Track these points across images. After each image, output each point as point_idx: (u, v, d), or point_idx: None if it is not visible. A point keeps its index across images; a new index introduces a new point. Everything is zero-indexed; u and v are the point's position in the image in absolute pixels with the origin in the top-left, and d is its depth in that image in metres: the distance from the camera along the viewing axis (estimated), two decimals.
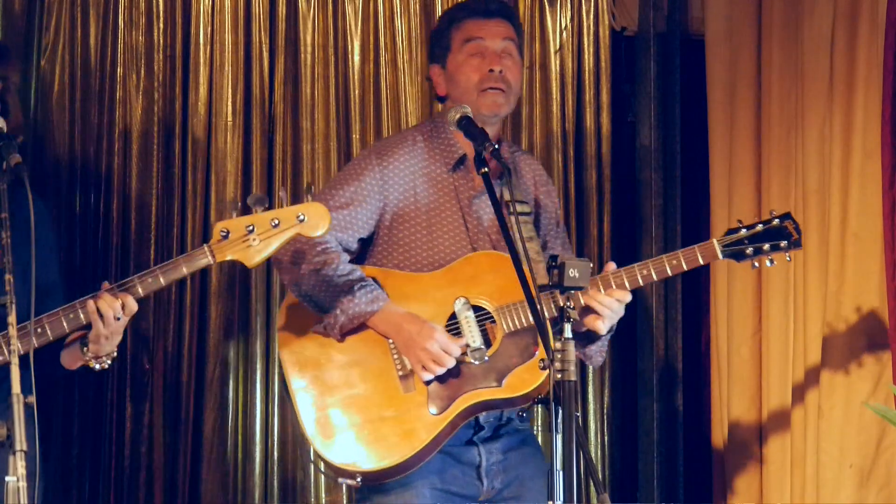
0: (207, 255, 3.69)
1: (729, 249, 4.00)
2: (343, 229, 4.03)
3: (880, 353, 4.72)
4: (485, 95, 4.08)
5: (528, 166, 4.29)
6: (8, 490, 2.99)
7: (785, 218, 4.02)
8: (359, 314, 3.93)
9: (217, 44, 5.11)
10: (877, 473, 4.71)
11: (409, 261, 4.05)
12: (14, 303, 3.21)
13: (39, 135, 5.01)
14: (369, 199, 4.05)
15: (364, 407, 3.94)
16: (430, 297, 3.99)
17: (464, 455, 4.01)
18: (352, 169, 4.11)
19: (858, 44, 4.78)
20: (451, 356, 3.90)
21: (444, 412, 3.92)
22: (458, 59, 4.11)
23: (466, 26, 4.12)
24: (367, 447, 3.92)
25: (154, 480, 5.00)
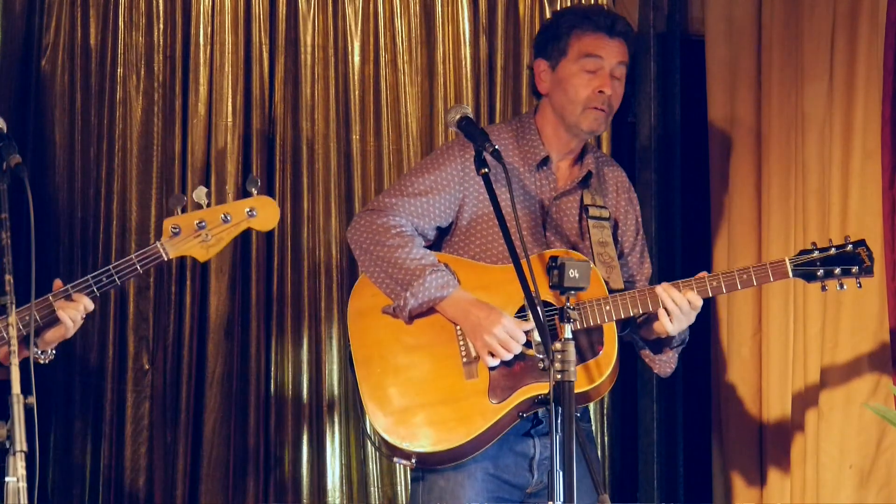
0: (161, 252, 3.72)
1: (801, 269, 4.05)
2: (419, 216, 4.09)
3: (880, 353, 4.72)
4: (588, 113, 4.11)
5: (612, 174, 4.33)
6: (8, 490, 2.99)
7: (859, 245, 4.07)
8: (429, 298, 3.98)
9: (217, 44, 5.12)
10: (877, 474, 4.70)
11: (485, 254, 4.10)
12: (14, 303, 3.21)
13: (39, 135, 5.01)
14: (448, 189, 4.10)
15: (425, 390, 3.98)
16: (501, 289, 4.02)
17: (519, 445, 4.05)
18: (435, 158, 4.16)
19: (858, 44, 4.78)
20: (517, 342, 3.94)
21: (502, 402, 3.96)
22: (572, 69, 4.12)
23: (589, 39, 4.11)
24: (424, 429, 3.96)
25: (154, 480, 5.00)
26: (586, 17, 4.15)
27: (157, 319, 5.04)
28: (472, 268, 4.08)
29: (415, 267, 3.99)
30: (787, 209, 4.94)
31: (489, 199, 3.78)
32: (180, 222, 3.71)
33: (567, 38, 4.13)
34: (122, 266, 3.73)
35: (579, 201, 4.18)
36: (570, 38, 4.13)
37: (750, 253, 5.03)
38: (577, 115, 4.11)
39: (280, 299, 5.10)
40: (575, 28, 4.13)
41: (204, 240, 3.72)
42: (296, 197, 5.14)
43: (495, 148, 3.81)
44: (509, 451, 4.03)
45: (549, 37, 4.19)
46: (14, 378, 3.08)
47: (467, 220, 4.11)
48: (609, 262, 4.11)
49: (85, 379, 4.99)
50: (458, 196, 4.11)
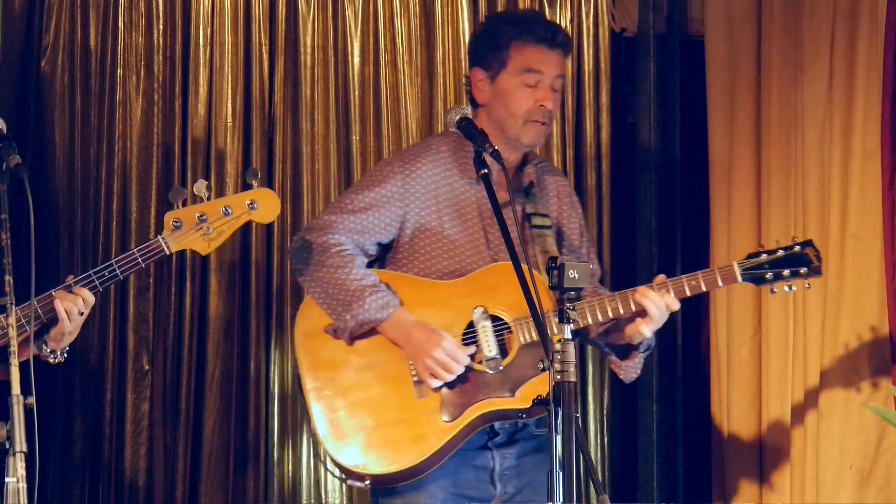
0: (162, 246, 3.72)
1: (749, 273, 4.03)
2: (360, 233, 4.05)
3: (880, 353, 4.72)
4: (529, 127, 4.06)
5: (552, 181, 4.28)
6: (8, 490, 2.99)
7: (806, 245, 4.04)
8: (368, 320, 3.95)
9: (217, 45, 5.12)
10: (877, 474, 4.71)
11: (430, 269, 4.06)
12: (14, 303, 3.21)
13: (39, 135, 5.01)
14: (389, 205, 4.05)
15: (377, 410, 3.96)
16: (449, 305, 4.00)
17: (478, 459, 4.02)
18: (374, 175, 4.12)
19: (858, 44, 4.78)
20: (459, 363, 3.92)
21: (456, 419, 3.94)
22: (512, 83, 4.06)
23: (529, 52, 4.05)
24: (377, 451, 3.93)
25: (154, 480, 5.00)
26: (527, 29, 4.06)
27: (157, 319, 5.04)
28: (419, 284, 4.04)
29: (355, 288, 3.95)
30: (787, 209, 4.94)
31: (489, 200, 3.75)
32: (181, 216, 3.71)
33: (507, 50, 4.05)
34: (124, 260, 3.73)
35: (522, 210, 4.14)
36: (511, 49, 4.05)
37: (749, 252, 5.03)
38: (517, 128, 4.06)
39: (280, 299, 5.10)
40: (515, 39, 4.05)
41: (205, 233, 3.72)
42: (296, 197, 5.14)
43: (495, 148, 3.79)
44: (468, 465, 4.00)
45: (488, 46, 4.10)
46: (14, 378, 3.08)
47: (410, 235, 4.07)
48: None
49: (85, 379, 5.00)
50: (400, 212, 4.06)
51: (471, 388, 3.95)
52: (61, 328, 3.70)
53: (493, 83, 4.08)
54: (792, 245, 4.03)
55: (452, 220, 4.06)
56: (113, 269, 3.72)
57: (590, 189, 5.28)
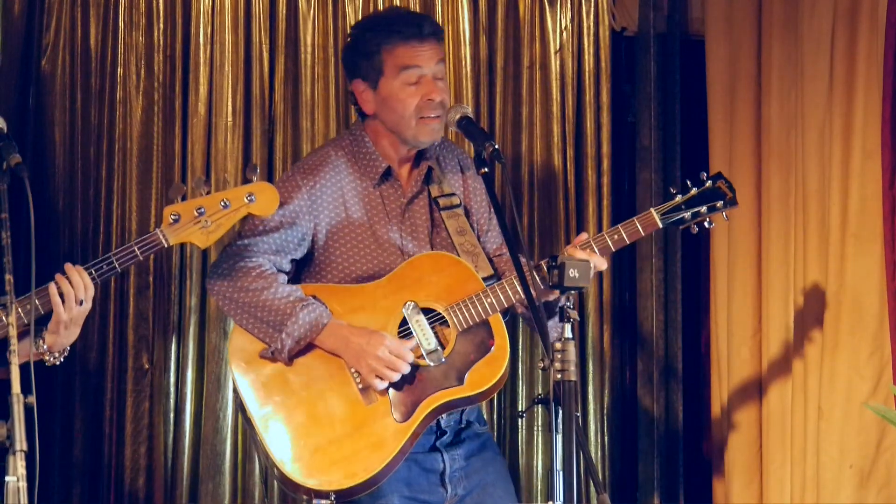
0: (160, 239, 3.71)
1: (668, 217, 4.03)
2: (275, 252, 4.00)
3: (880, 353, 4.72)
4: (423, 123, 4.02)
5: (451, 155, 4.23)
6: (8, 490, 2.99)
7: (717, 178, 4.06)
8: (304, 335, 3.91)
9: (217, 44, 5.12)
10: (877, 474, 4.71)
11: (349, 275, 4.03)
12: (14, 303, 3.21)
13: (39, 134, 5.01)
14: (299, 221, 4.01)
15: (329, 425, 3.92)
16: (377, 306, 3.97)
17: (428, 461, 4.00)
18: (279, 193, 3.97)
19: (858, 44, 4.78)
20: (404, 360, 3.89)
21: (409, 418, 3.91)
22: (394, 86, 4.01)
23: (400, 51, 4.00)
24: (338, 466, 3.90)
25: (154, 480, 5.00)
26: (392, 30, 4.02)
27: (157, 318, 5.04)
28: (343, 292, 4.01)
29: (284, 306, 3.91)
30: (787, 209, 4.94)
31: (489, 198, 3.74)
32: (179, 210, 3.70)
33: (379, 56, 4.01)
34: (122, 253, 3.72)
35: (427, 197, 4.10)
36: (382, 55, 4.00)
37: (749, 253, 5.03)
38: (412, 128, 4.01)
39: None
40: (383, 44, 4.00)
41: (204, 226, 3.71)
42: None
43: (495, 148, 3.78)
44: (420, 469, 3.98)
45: (360, 56, 4.05)
46: (14, 378, 3.07)
47: (322, 246, 4.03)
48: (472, 249, 4.04)
49: (85, 378, 4.99)
50: (310, 225, 4.02)
51: (418, 385, 3.92)
52: (57, 316, 3.65)
53: (375, 91, 4.03)
54: (703, 180, 4.04)
55: (362, 223, 4.03)
56: (111, 262, 3.71)
57: (590, 189, 5.28)
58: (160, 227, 3.71)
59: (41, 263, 4.86)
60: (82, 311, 3.68)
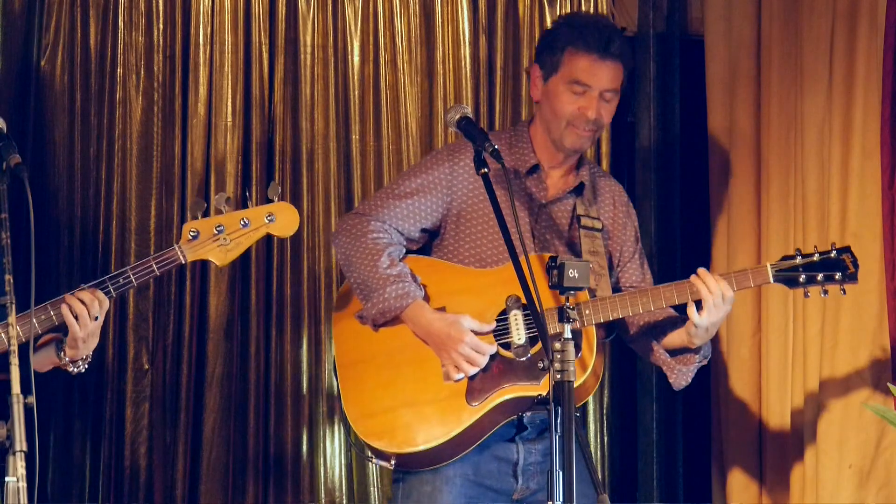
0: (178, 256, 3.72)
1: (781, 275, 4.03)
2: (403, 218, 4.11)
3: (880, 353, 4.72)
4: (571, 131, 4.11)
5: (608, 187, 4.33)
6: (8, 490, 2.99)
7: (843, 251, 4.05)
8: (387, 309, 4.00)
9: (217, 44, 5.12)
10: (876, 473, 4.70)
11: (475, 257, 4.11)
12: (14, 303, 3.21)
13: (39, 135, 5.01)
14: (435, 192, 4.12)
15: (404, 391, 4.01)
16: (483, 293, 4.05)
17: (502, 450, 4.05)
18: (423, 163, 4.19)
19: (858, 44, 4.78)
20: (483, 354, 3.96)
21: (480, 404, 3.97)
22: (560, 89, 4.11)
23: (580, 62, 4.08)
24: (403, 430, 3.98)
25: (154, 480, 5.00)
26: (582, 36, 4.09)
27: (157, 319, 5.04)
28: (454, 271, 4.10)
29: (378, 276, 4.01)
30: (787, 209, 4.94)
31: (489, 199, 3.76)
32: (199, 226, 3.73)
33: (560, 55, 4.12)
34: (139, 267, 3.74)
35: (571, 210, 4.19)
36: (564, 55, 4.11)
37: (749, 253, 5.03)
38: (560, 130, 4.11)
39: (279, 299, 5.10)
40: (569, 46, 4.10)
41: (222, 244, 3.74)
42: (295, 197, 5.14)
43: (495, 148, 3.80)
44: (491, 456, 4.04)
45: (546, 47, 4.18)
46: (14, 378, 3.08)
47: (455, 225, 4.12)
48: (598, 270, 4.11)
49: (85, 378, 4.99)
50: (446, 200, 4.12)
51: (497, 374, 3.99)
52: (73, 333, 3.69)
53: (545, 83, 4.15)
54: (829, 249, 4.04)
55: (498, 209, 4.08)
56: (127, 276, 3.73)
57: None
58: (178, 243, 3.73)
59: (41, 263, 4.88)
60: (97, 325, 3.72)
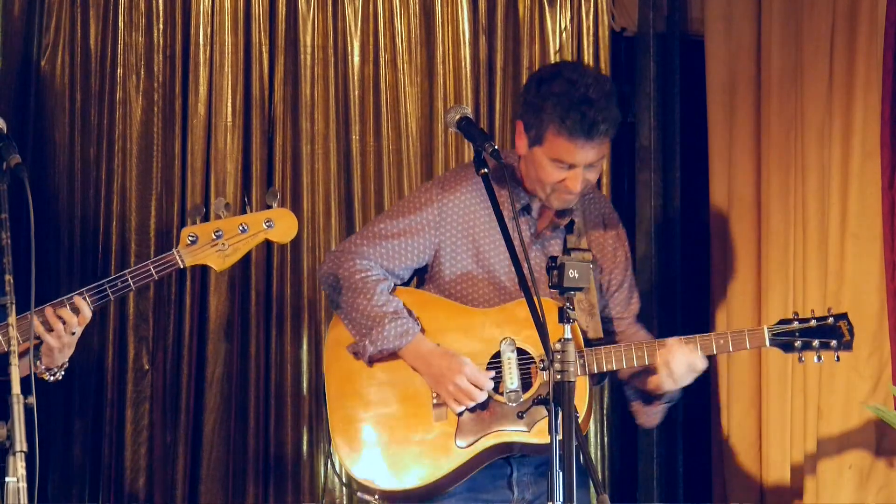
0: (177, 260, 3.73)
1: (778, 339, 4.03)
2: (390, 259, 4.06)
3: (880, 353, 4.72)
4: (557, 196, 4.00)
5: (596, 209, 4.24)
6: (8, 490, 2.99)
7: (840, 318, 4.04)
8: (387, 347, 3.98)
9: (217, 44, 5.12)
10: (876, 474, 4.70)
11: (466, 295, 4.07)
12: (14, 303, 3.21)
13: (39, 135, 5.01)
14: (424, 232, 4.05)
15: (394, 427, 3.99)
16: (477, 334, 4.01)
17: (495, 466, 4.03)
18: (412, 199, 4.10)
19: (858, 44, 4.78)
20: (482, 389, 3.94)
21: (470, 446, 3.96)
22: (544, 161, 3.95)
23: (563, 146, 3.91)
24: (389, 467, 3.97)
25: (154, 480, 5.01)
26: (565, 119, 3.89)
27: (157, 319, 5.04)
28: (451, 309, 4.06)
29: (375, 314, 3.97)
30: (787, 209, 4.94)
31: (489, 199, 3.74)
32: (197, 231, 3.74)
33: (545, 131, 3.93)
34: (138, 272, 3.74)
35: (562, 244, 4.13)
36: (547, 132, 3.93)
37: (748, 253, 5.03)
38: (546, 194, 4.00)
39: (280, 300, 5.10)
40: (553, 124, 3.90)
41: (221, 249, 3.74)
42: (296, 197, 5.14)
43: (495, 148, 3.77)
44: (485, 471, 4.01)
45: (532, 110, 3.97)
46: (14, 378, 3.08)
47: (444, 264, 4.06)
48: (589, 309, 4.07)
49: (85, 379, 4.99)
50: (434, 241, 4.06)
51: (489, 418, 3.97)
52: (47, 344, 3.67)
53: (529, 148, 3.99)
54: (826, 316, 4.03)
55: (488, 250, 4.06)
56: (126, 280, 3.73)
57: None
58: (177, 248, 3.73)
59: (41, 263, 4.87)
60: (74, 337, 3.70)
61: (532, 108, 3.97)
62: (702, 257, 5.20)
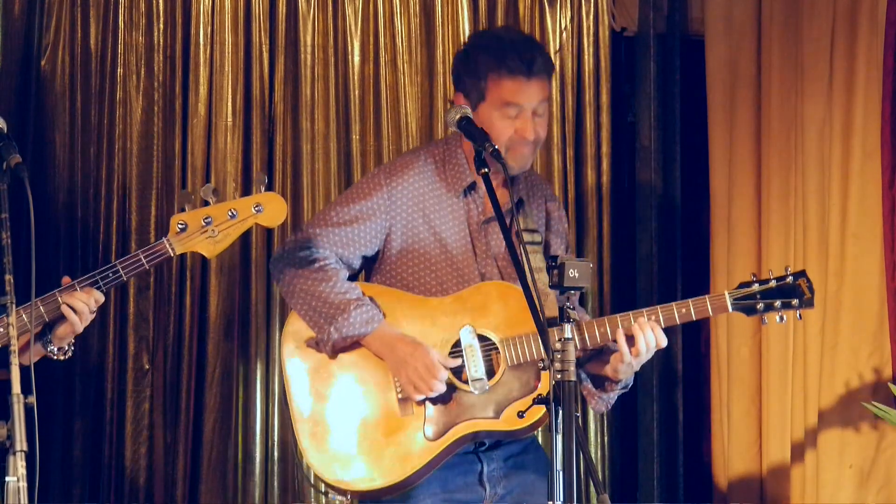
0: (167, 248, 3.72)
1: (739, 303, 4.00)
2: (345, 246, 4.03)
3: (880, 353, 4.72)
4: (513, 154, 3.98)
5: (538, 188, 4.24)
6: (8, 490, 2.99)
7: (799, 276, 4.01)
8: (353, 334, 3.94)
9: (217, 44, 5.12)
10: (877, 474, 4.71)
11: (417, 282, 4.04)
12: (14, 303, 3.21)
13: (39, 135, 5.01)
14: (374, 217, 4.03)
15: (360, 425, 3.95)
16: (436, 323, 3.98)
17: (464, 463, 4.01)
18: (359, 187, 4.09)
19: (858, 44, 4.78)
20: (440, 378, 3.89)
21: (439, 438, 3.92)
22: (492, 115, 3.97)
23: (505, 86, 3.95)
24: (359, 466, 3.93)
25: (154, 480, 5.01)
26: (502, 60, 3.94)
27: (157, 319, 5.04)
28: (406, 299, 4.02)
29: (339, 301, 3.94)
30: (787, 209, 4.94)
31: (489, 199, 3.74)
32: (187, 219, 3.72)
33: (485, 82, 3.97)
34: (128, 262, 3.73)
35: (514, 225, 4.06)
36: (488, 82, 3.96)
37: (750, 253, 5.03)
38: (502, 153, 3.94)
39: (280, 299, 5.10)
40: (491, 72, 3.95)
41: (211, 235, 3.73)
42: (296, 197, 5.14)
43: (495, 148, 3.77)
44: (456, 470, 3.99)
45: (467, 73, 4.02)
46: (14, 378, 3.08)
47: (397, 250, 4.04)
48: (543, 289, 3.98)
49: (85, 378, 5.00)
50: (385, 225, 4.03)
51: (455, 408, 3.93)
52: (72, 328, 3.69)
53: (474, 111, 3.98)
54: (784, 276, 3.99)
55: (439, 234, 4.04)
56: (117, 271, 3.72)
57: (590, 189, 5.28)
58: (167, 237, 3.72)
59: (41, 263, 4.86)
60: (91, 318, 3.73)
61: (466, 71, 4.02)
62: (702, 257, 5.20)
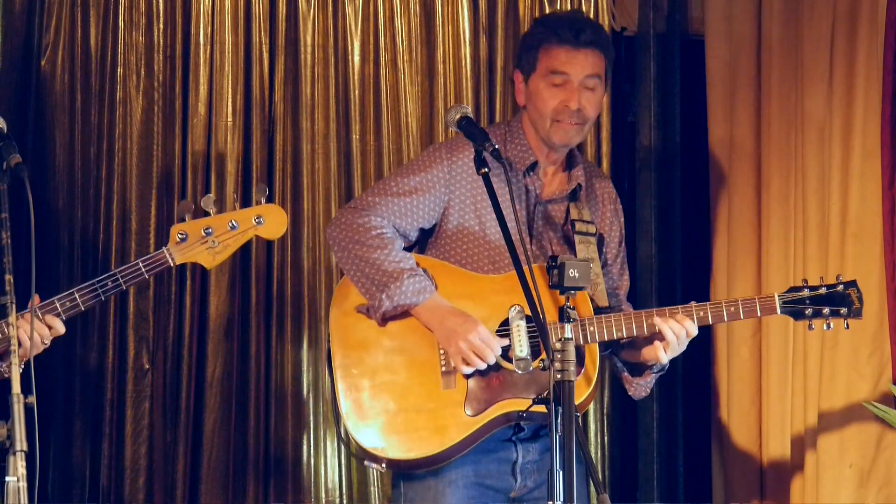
0: (167, 258, 3.72)
1: (788, 307, 4.03)
2: (401, 216, 4.08)
3: (880, 353, 4.72)
4: (558, 126, 4.10)
5: (599, 185, 4.32)
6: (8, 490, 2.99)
7: (850, 285, 4.04)
8: (404, 303, 3.97)
9: (217, 44, 5.12)
10: (877, 473, 4.71)
11: (470, 259, 4.09)
12: (14, 303, 3.21)
13: (39, 135, 5.01)
14: (434, 190, 4.09)
15: (401, 395, 3.98)
16: (486, 300, 4.01)
17: (501, 450, 4.04)
18: (421, 160, 4.16)
19: (858, 44, 4.78)
20: (491, 351, 3.92)
21: (479, 415, 3.96)
22: (540, 86, 4.11)
23: (555, 54, 4.09)
24: (397, 436, 3.96)
25: (154, 480, 5.00)
26: (554, 31, 4.10)
27: (157, 319, 5.04)
28: (459, 275, 4.07)
29: (392, 269, 3.97)
30: (787, 209, 4.94)
31: (489, 199, 3.76)
32: (187, 229, 3.73)
33: (536, 53, 4.12)
34: (128, 271, 3.74)
35: (566, 213, 4.18)
36: (539, 52, 4.11)
37: (749, 253, 5.04)
38: (546, 128, 4.10)
39: (280, 299, 5.10)
40: (543, 42, 4.11)
41: (211, 246, 3.74)
42: (296, 197, 5.14)
43: (495, 147, 3.80)
44: (491, 456, 4.03)
45: (523, 49, 4.19)
46: (14, 378, 3.08)
47: (453, 226, 4.09)
48: (594, 279, 4.08)
49: (85, 378, 4.99)
50: (444, 199, 4.09)
51: (497, 386, 3.97)
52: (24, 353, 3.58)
53: (527, 85, 4.14)
54: (836, 283, 4.03)
55: (486, 214, 4.08)
56: (116, 280, 3.73)
57: None
58: (167, 246, 3.73)
59: (41, 263, 4.87)
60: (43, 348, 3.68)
61: (523, 45, 4.19)
62: (702, 257, 5.20)
